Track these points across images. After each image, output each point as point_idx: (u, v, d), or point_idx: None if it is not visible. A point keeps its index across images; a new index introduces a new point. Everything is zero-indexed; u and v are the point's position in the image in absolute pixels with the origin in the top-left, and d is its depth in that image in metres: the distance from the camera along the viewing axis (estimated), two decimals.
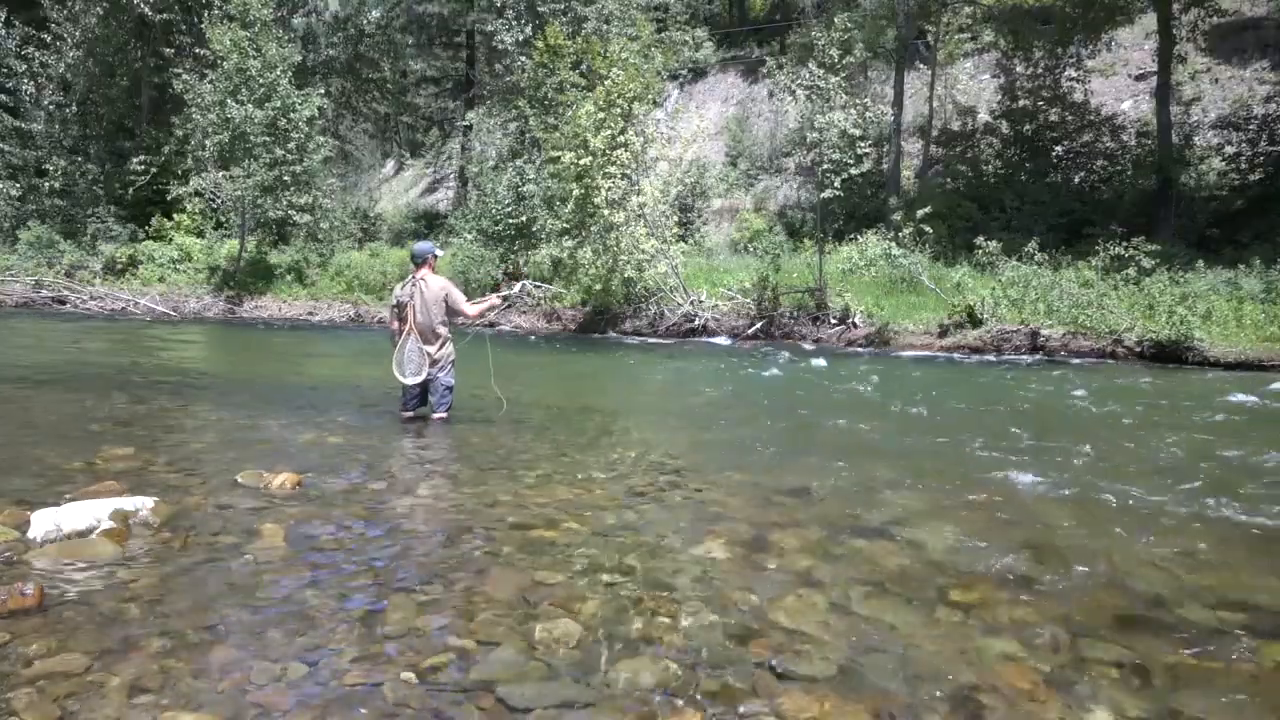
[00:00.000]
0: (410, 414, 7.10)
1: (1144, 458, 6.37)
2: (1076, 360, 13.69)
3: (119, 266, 24.21)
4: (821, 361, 12.75)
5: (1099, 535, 4.39)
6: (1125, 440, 7.02)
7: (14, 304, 22.39)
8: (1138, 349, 13.77)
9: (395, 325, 7.08)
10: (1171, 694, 2.74)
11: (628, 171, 17.31)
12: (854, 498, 5.05)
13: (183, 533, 3.98)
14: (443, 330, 6.95)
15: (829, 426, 7.69)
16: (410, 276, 7.01)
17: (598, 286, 17.83)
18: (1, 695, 2.49)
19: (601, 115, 17.36)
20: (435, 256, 7.11)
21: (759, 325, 16.93)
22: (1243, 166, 19.82)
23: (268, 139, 22.59)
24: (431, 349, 6.86)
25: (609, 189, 16.91)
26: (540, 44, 21.44)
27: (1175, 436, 7.22)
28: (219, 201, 23.98)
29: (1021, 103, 22.53)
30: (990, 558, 3.97)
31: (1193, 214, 19.69)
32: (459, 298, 6.96)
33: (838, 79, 16.90)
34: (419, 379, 6.90)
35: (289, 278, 23.70)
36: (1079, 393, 10.07)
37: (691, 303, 17.82)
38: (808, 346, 15.68)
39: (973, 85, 26.60)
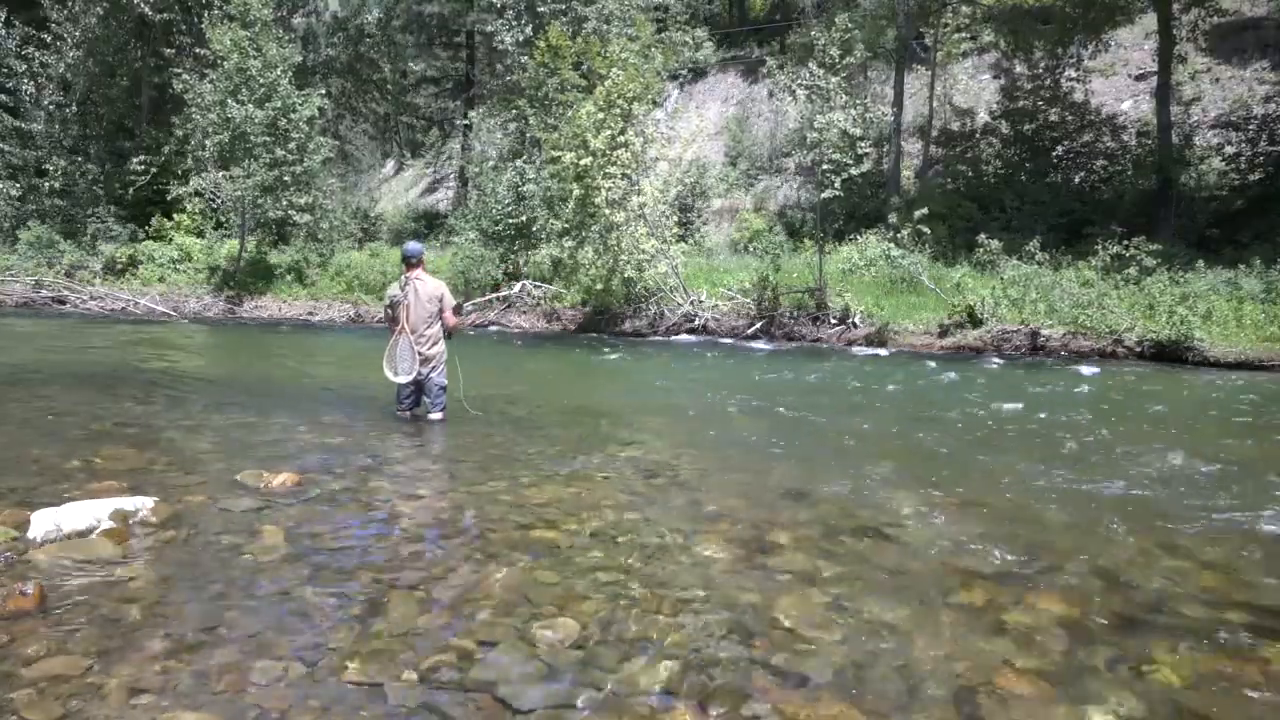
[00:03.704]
0: (407, 413, 7.10)
1: (1143, 457, 6.36)
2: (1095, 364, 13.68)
3: (119, 266, 24.19)
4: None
5: (1098, 535, 4.39)
6: (1125, 439, 7.02)
7: (14, 304, 22.37)
8: (1138, 349, 13.76)
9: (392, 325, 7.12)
10: (1171, 694, 2.74)
11: (628, 171, 17.30)
12: (854, 498, 5.05)
13: (183, 532, 3.98)
14: (435, 330, 6.97)
15: (829, 426, 7.68)
16: (403, 276, 7.02)
17: (598, 286, 17.81)
18: (2, 695, 2.49)
19: (601, 115, 17.34)
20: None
21: (759, 325, 16.93)
22: (1243, 166, 19.80)
23: (268, 139, 22.56)
24: (424, 348, 6.88)
25: (609, 189, 16.91)
26: (541, 44, 21.43)
27: (1177, 435, 7.22)
28: (219, 201, 23.95)
29: (1021, 103, 22.51)
30: (990, 558, 3.97)
31: (1193, 214, 19.67)
32: (450, 303, 7.05)
33: (838, 79, 16.88)
34: (410, 378, 6.90)
35: (289, 278, 23.69)
36: (1082, 389, 10.07)
37: (691, 303, 17.82)
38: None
39: (972, 85, 26.59)
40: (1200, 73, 23.07)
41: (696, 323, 17.44)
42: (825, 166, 16.67)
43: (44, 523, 3.79)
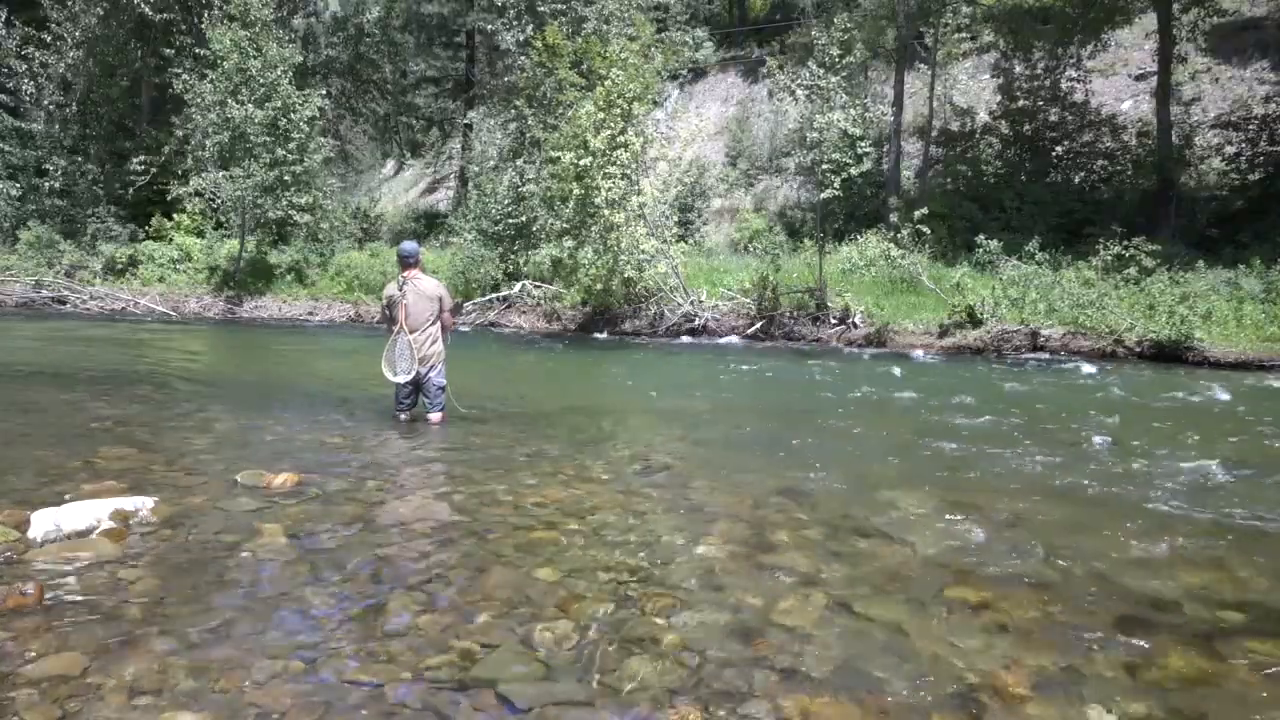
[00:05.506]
0: (406, 414, 7.11)
1: (1143, 456, 6.36)
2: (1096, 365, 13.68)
3: (119, 266, 24.20)
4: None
5: (1098, 535, 4.38)
6: (1127, 440, 7.02)
7: (14, 304, 22.38)
8: (1137, 349, 13.76)
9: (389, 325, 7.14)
10: (1171, 694, 2.74)
11: (628, 171, 17.30)
12: (854, 498, 5.05)
13: (183, 532, 3.98)
14: (433, 329, 6.99)
15: (829, 426, 7.68)
16: (400, 276, 7.02)
17: (598, 286, 17.81)
18: (2, 695, 2.49)
19: (601, 115, 17.34)
20: None
21: (759, 325, 16.93)
22: (1243, 166, 19.79)
23: (268, 139, 22.56)
24: (422, 348, 6.88)
25: (609, 189, 16.90)
26: (538, 43, 21.42)
27: (1178, 435, 7.21)
28: (219, 201, 23.95)
29: (1021, 103, 22.51)
30: (990, 558, 3.97)
31: (1193, 214, 19.66)
32: (449, 304, 7.17)
33: (838, 79, 16.88)
34: (408, 377, 6.91)
35: (289, 278, 23.69)
36: (1083, 390, 10.07)
37: (691, 303, 17.81)
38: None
39: (972, 85, 26.57)
40: (1200, 73, 23.06)
41: (696, 323, 17.44)
42: (825, 166, 16.67)
43: (44, 523, 3.79)
